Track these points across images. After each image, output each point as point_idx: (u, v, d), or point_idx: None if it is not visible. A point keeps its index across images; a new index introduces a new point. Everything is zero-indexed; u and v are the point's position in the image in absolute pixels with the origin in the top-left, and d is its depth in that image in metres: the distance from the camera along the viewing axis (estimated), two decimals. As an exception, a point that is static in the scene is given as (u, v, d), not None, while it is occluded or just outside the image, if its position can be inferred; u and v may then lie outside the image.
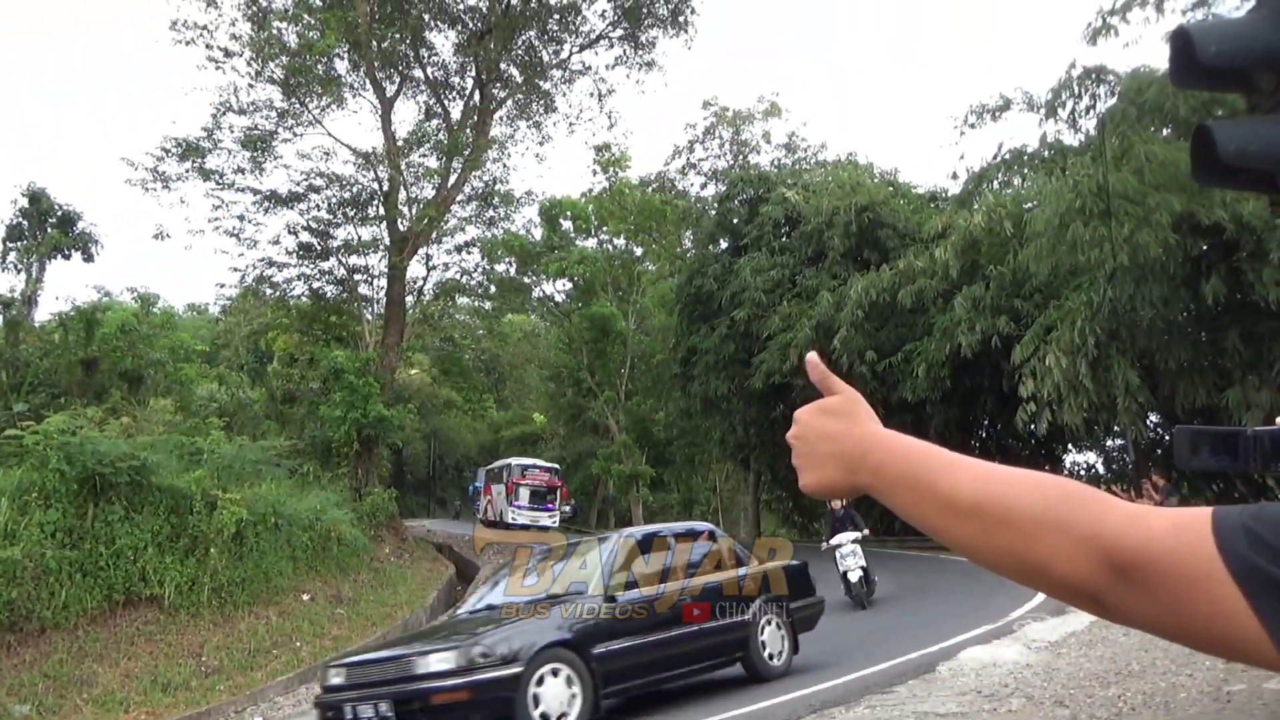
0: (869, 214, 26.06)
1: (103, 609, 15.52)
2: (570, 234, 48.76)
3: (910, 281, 21.94)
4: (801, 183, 31.24)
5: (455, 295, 35.76)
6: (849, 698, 8.13)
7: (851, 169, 32.13)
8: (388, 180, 29.49)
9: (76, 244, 29.00)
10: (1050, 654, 9.48)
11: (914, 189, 31.99)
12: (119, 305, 34.07)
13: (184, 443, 20.19)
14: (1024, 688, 8.04)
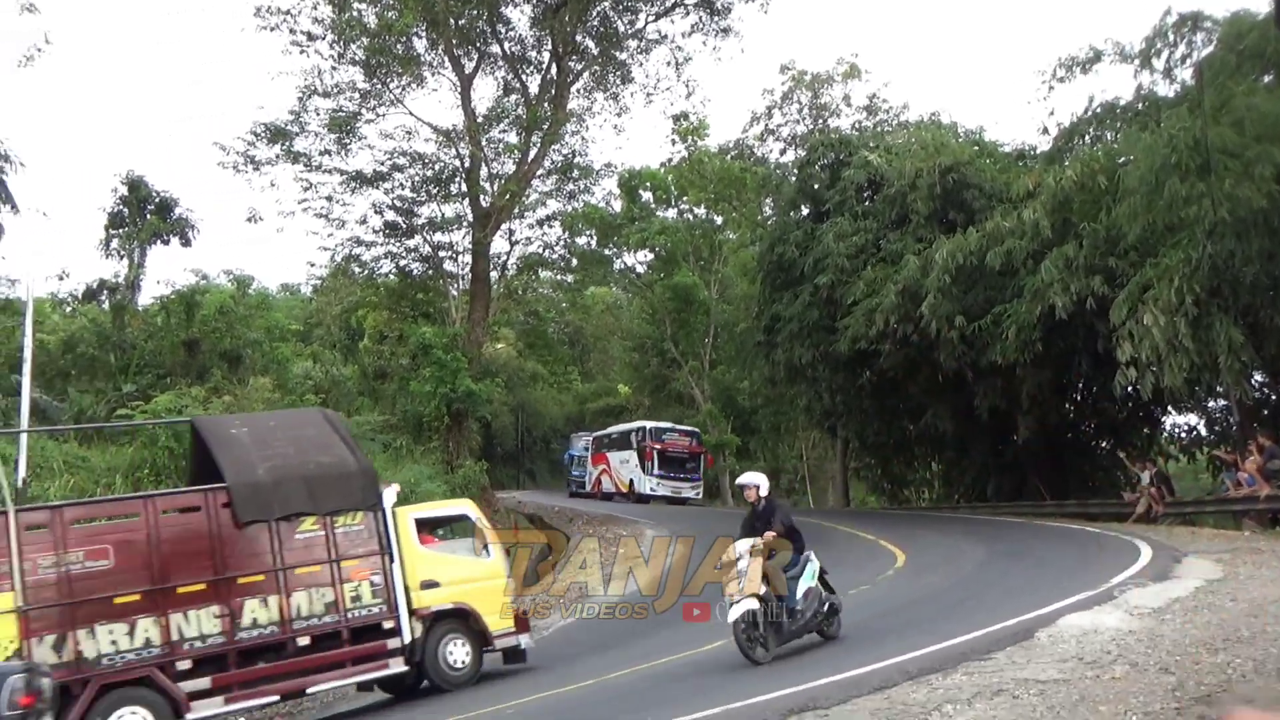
0: (954, 175, 25.44)
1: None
2: (650, 205, 48.76)
3: (998, 243, 21.40)
4: (884, 145, 30.63)
5: (538, 269, 36.11)
6: (946, 664, 8.05)
7: (935, 129, 31.37)
8: (469, 157, 29.83)
9: (174, 229, 30.00)
10: (1154, 620, 9.25)
11: (1000, 148, 31.11)
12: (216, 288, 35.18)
13: (283, 420, 20.78)
14: (1127, 655, 7.87)
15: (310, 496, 11.01)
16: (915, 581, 15.03)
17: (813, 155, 31.98)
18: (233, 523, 10.54)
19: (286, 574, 10.68)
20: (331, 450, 11.73)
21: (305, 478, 11.16)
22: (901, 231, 26.83)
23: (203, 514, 10.53)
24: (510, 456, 70.57)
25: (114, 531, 10.12)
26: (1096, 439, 28.19)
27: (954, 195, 25.55)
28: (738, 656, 9.75)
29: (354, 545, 11.15)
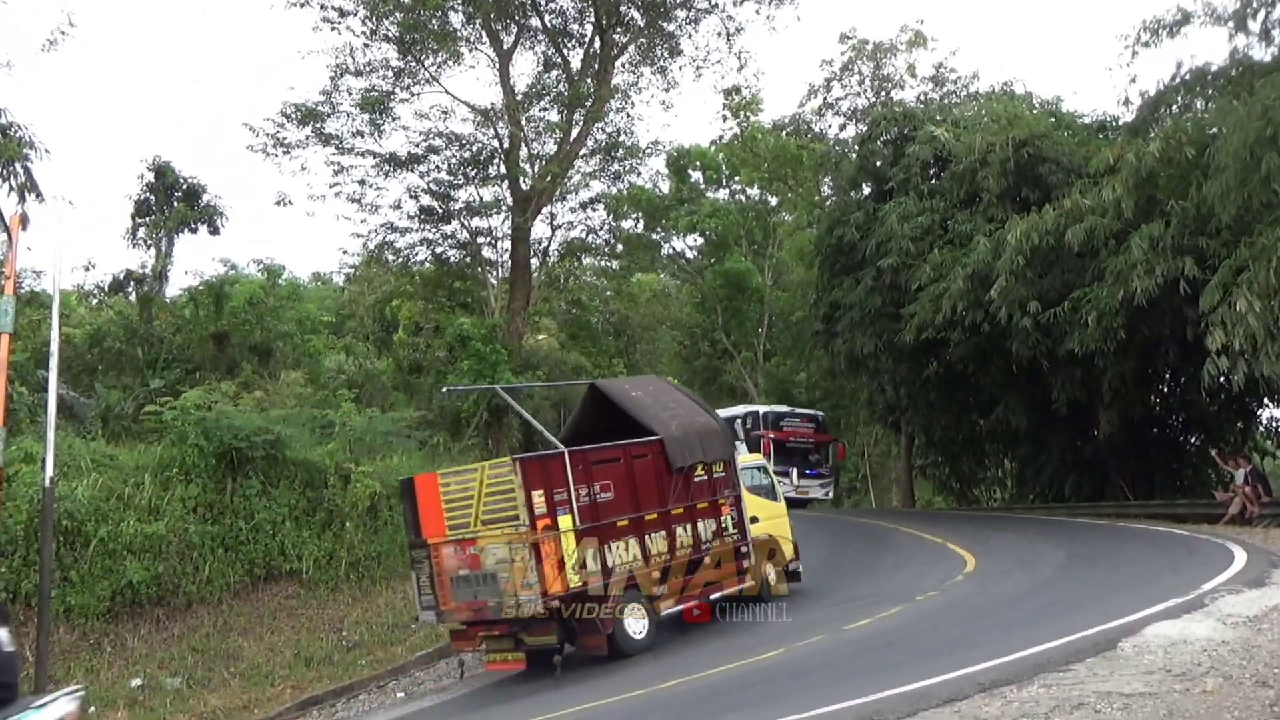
0: (1028, 149, 25.10)
1: (245, 583, 16.53)
2: (700, 186, 48.70)
3: (1077, 221, 21.08)
4: (951, 118, 30.31)
5: (581, 255, 36.20)
6: (1020, 676, 7.98)
7: (1007, 100, 31.01)
8: (508, 137, 29.95)
9: (202, 217, 30.41)
10: (1249, 630, 9.09)
11: (1079, 119, 30.67)
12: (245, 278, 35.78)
13: (316, 416, 21.18)
14: (1220, 667, 7.75)
15: (703, 448, 14.58)
16: (987, 588, 14.91)
17: (875, 130, 31.73)
18: (665, 468, 13.96)
19: (694, 508, 14.21)
20: (698, 410, 15.58)
21: (698, 433, 14.67)
22: (971, 211, 26.55)
23: (649, 459, 13.88)
24: (552, 454, 70.74)
25: (610, 471, 13.32)
26: (1185, 434, 27.74)
27: (1028, 171, 25.22)
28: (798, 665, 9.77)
29: (721, 488, 14.86)
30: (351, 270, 42.17)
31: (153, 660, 14.95)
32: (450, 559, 12.85)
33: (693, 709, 9.35)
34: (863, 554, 20.43)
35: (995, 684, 7.77)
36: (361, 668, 15.91)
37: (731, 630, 14.08)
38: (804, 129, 41.49)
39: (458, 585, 12.79)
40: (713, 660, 11.62)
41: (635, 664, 12.71)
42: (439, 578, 12.98)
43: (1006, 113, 27.35)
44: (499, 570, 12.38)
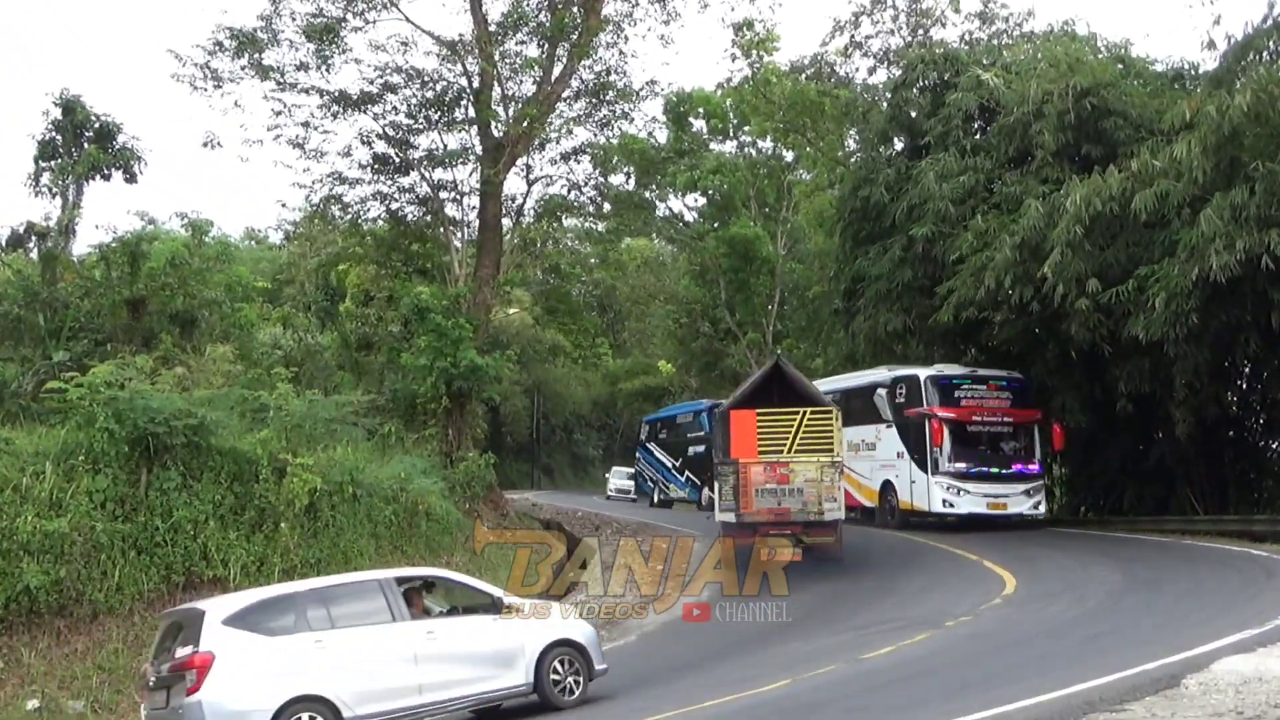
0: (1091, 99, 25.08)
1: (160, 592, 16.55)
2: (703, 136, 48.68)
3: (1147, 186, 21.10)
4: (1001, 62, 30.29)
5: (561, 215, 36.06)
6: (1066, 716, 8.04)
7: (1068, 42, 30.97)
8: (478, 74, 29.80)
9: (117, 161, 30.21)
10: (1335, 667, 9.16)
11: (1151, 65, 30.66)
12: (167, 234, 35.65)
13: (247, 398, 21.12)
14: (1299, 709, 7.81)
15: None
16: (1029, 613, 14.99)
17: (910, 75, 31.71)
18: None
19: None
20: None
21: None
22: (1022, 171, 26.57)
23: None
24: (523, 449, 71.10)
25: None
26: (1266, 438, 27.83)
27: (1090, 125, 25.23)
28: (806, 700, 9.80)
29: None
30: (291, 228, 42.00)
31: (52, 679, 14.96)
32: (759, 474, 20.03)
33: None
34: (887, 572, 20.52)
35: (1038, 725, 7.83)
36: (296, 693, 15.91)
37: (733, 656, 14.15)
38: (826, 72, 41.40)
39: (762, 495, 19.95)
40: (706, 691, 11.66)
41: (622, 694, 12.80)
42: (744, 489, 19.99)
43: (1066, 57, 27.32)
44: (806, 486, 19.90)
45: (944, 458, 25.78)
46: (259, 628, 11.28)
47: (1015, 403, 26.57)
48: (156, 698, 11.27)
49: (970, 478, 25.74)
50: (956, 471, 25.74)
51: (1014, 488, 26.02)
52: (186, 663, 10.81)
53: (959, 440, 26.01)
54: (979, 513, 25.45)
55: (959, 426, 26.02)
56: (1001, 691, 9.13)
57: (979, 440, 26.43)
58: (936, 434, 25.76)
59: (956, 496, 25.64)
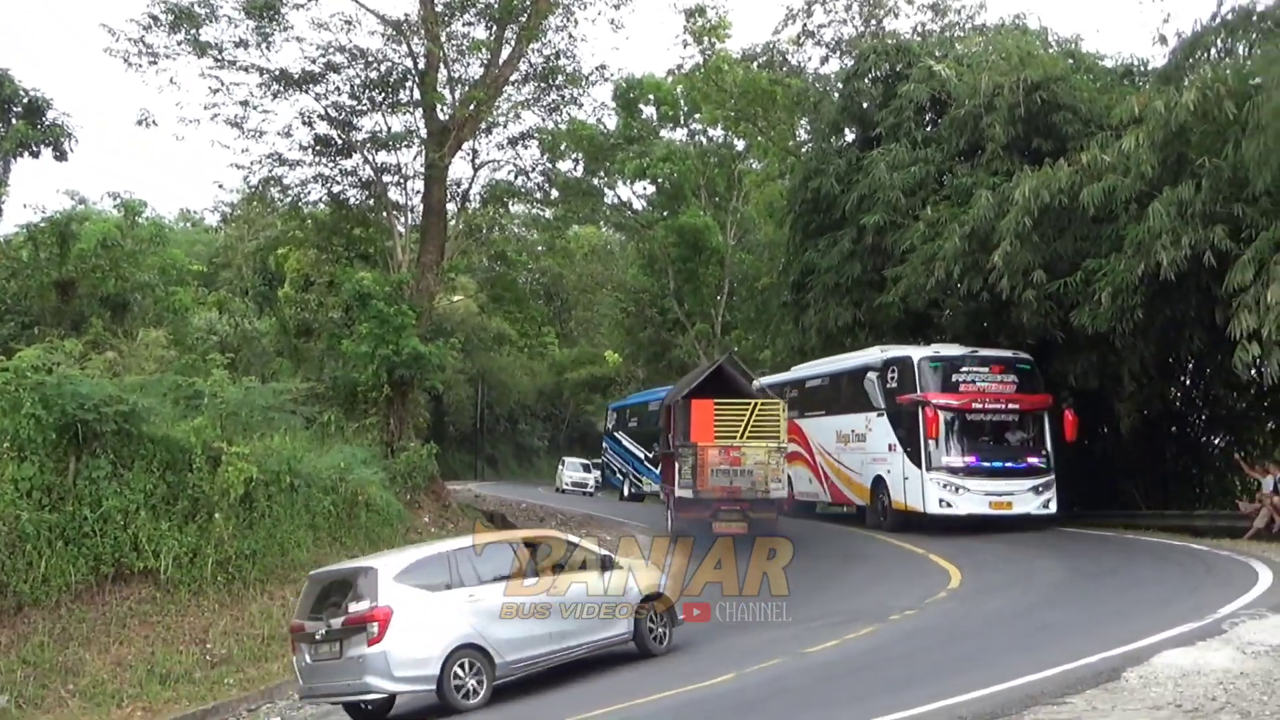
0: (1042, 93, 25.34)
1: (89, 583, 16.30)
2: (653, 123, 48.61)
3: (1095, 180, 21.37)
4: (953, 54, 30.51)
5: (508, 201, 35.90)
6: (1008, 709, 8.15)
7: (1019, 36, 31.24)
8: (424, 55, 29.60)
9: (46, 138, 29.66)
10: (1272, 661, 9.34)
11: (1101, 61, 31.05)
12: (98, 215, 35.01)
13: (180, 384, 20.85)
14: (1237, 702, 7.96)
15: None
16: (973, 606, 15.17)
17: (862, 65, 31.86)
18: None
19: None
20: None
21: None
22: (972, 163, 26.82)
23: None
24: (466, 439, 70.88)
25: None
26: (1208, 434, 28.29)
27: (1040, 119, 25.50)
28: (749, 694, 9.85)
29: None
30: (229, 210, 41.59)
31: (-26, 673, 14.71)
32: (715, 456, 23.04)
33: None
34: (830, 565, 20.65)
35: (978, 717, 7.92)
36: (229, 687, 15.82)
37: (676, 651, 14.20)
38: (779, 61, 41.50)
39: (716, 474, 22.94)
40: (650, 686, 11.71)
41: (562, 688, 12.83)
42: (701, 469, 23.03)
43: (1018, 50, 27.58)
44: (755, 468, 22.94)
45: (940, 451, 23.58)
46: (422, 583, 12.69)
47: (1022, 386, 24.32)
48: (326, 649, 12.48)
49: (970, 473, 23.56)
50: (954, 467, 23.56)
51: (1021, 484, 23.70)
52: (367, 616, 12.12)
53: (957, 430, 23.96)
54: (980, 513, 23.35)
55: (957, 415, 23.88)
56: (945, 685, 9.23)
57: (981, 430, 24.21)
58: (931, 424, 23.56)
59: (954, 495, 23.41)
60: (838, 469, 27.68)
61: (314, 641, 12.63)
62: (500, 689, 12.75)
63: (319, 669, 12.63)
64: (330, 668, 12.42)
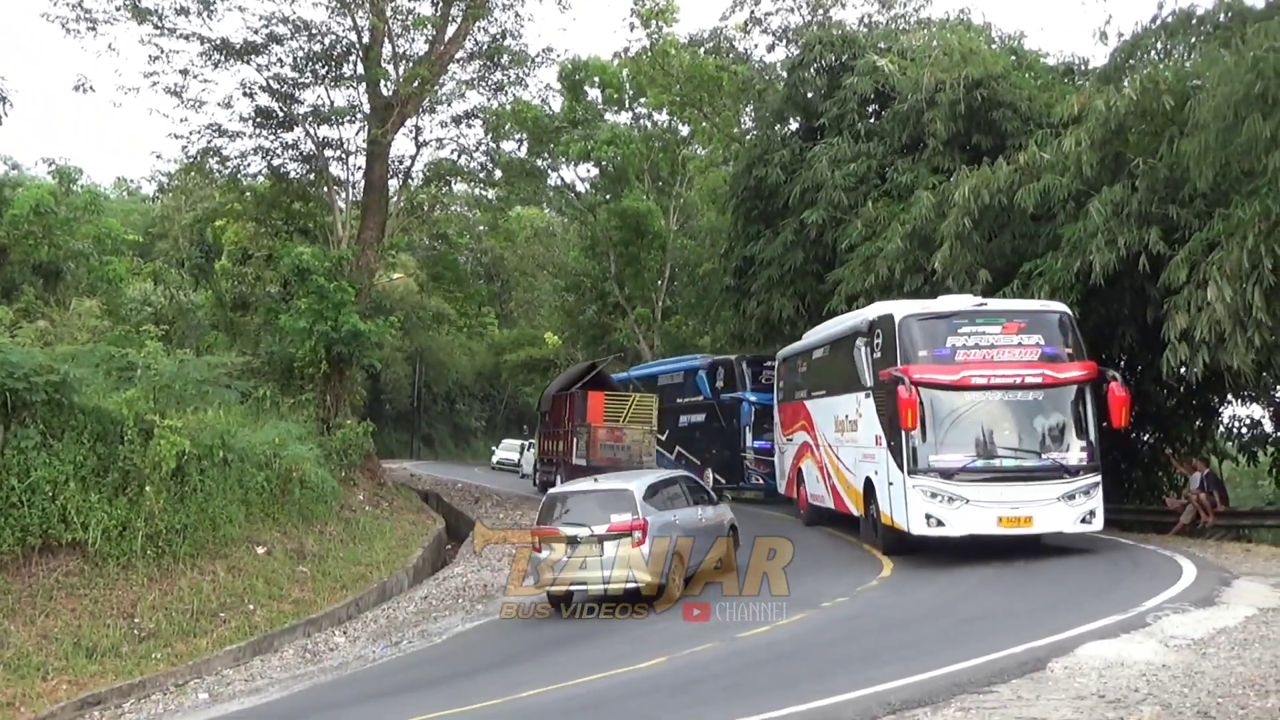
0: (983, 90, 25.55)
1: (15, 554, 16.05)
2: (598, 106, 48.43)
3: (1034, 179, 21.61)
4: (898, 48, 30.65)
5: (451, 180, 35.71)
6: (935, 697, 8.26)
7: (963, 32, 31.50)
8: (368, 30, 29.33)
9: (-22, 101, 29.12)
10: (1193, 654, 9.55)
11: (1043, 59, 31.38)
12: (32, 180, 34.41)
13: (113, 355, 20.59)
14: (1159, 693, 8.13)
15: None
16: (903, 596, 15.34)
17: (808, 55, 31.92)
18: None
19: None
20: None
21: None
22: (913, 159, 26.96)
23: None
24: (403, 417, 70.48)
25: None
26: (1137, 431, 28.74)
27: (981, 115, 25.72)
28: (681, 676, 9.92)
29: None
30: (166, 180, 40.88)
31: (-108, 642, 14.44)
32: (603, 434, 30.51)
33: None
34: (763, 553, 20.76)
35: (907, 705, 8.03)
36: (156, 662, 15.64)
37: (610, 635, 14.26)
38: (725, 47, 41.56)
39: (603, 448, 30.24)
40: (585, 668, 11.76)
41: (500, 669, 12.85)
42: (593, 443, 30.28)
43: (961, 46, 27.77)
44: (633, 444, 30.66)
45: (927, 446, 17.28)
46: (653, 504, 16.12)
47: (1050, 351, 17.75)
48: (587, 549, 15.45)
49: (971, 477, 17.14)
50: (947, 468, 17.16)
51: (1045, 490, 17.11)
52: (632, 525, 15.38)
53: (952, 417, 17.46)
54: (986, 533, 17.11)
55: (951, 394, 17.38)
56: (874, 672, 9.35)
57: (987, 415, 17.64)
58: (909, 408, 16.97)
59: (947, 508, 17.07)
60: (836, 466, 22.08)
61: (574, 543, 15.49)
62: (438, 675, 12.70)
63: (574, 563, 15.48)
64: (591, 563, 15.33)
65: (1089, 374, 17.71)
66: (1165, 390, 25.59)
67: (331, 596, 19.41)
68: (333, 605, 18.95)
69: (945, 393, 17.43)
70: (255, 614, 17.69)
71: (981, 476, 17.24)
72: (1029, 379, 17.48)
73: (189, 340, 29.76)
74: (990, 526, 17.06)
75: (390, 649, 15.98)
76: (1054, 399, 17.76)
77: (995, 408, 17.65)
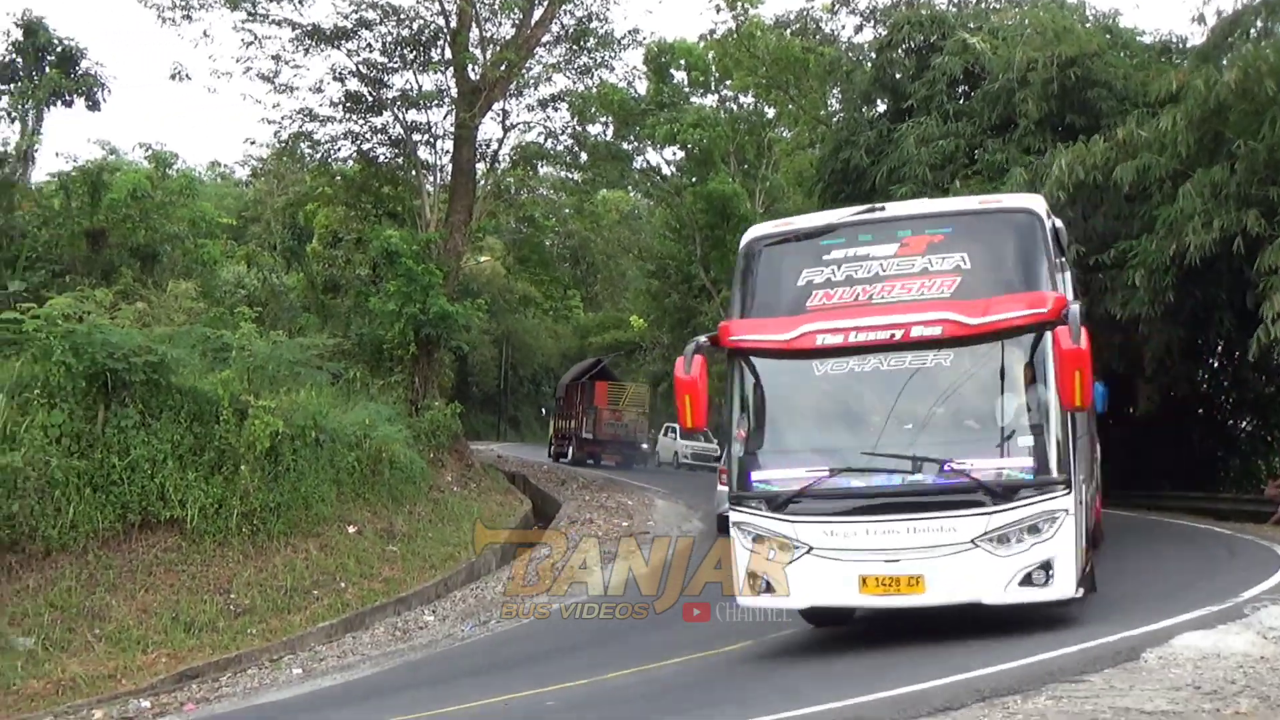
0: (1077, 69, 25.03)
1: (116, 531, 16.47)
2: (684, 88, 48.30)
3: (1131, 157, 21.14)
4: (988, 27, 30.15)
5: (537, 163, 35.90)
6: (1027, 684, 8.15)
7: (1056, 10, 30.84)
8: (456, 14, 29.54)
9: (79, 88, 29.86)
10: (1292, 646, 9.34)
11: (1139, 37, 30.66)
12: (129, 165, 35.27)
13: (209, 336, 21.02)
14: (1256, 685, 7.94)
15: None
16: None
17: (895, 36, 31.53)
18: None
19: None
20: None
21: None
22: (1004, 139, 26.51)
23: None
24: (489, 400, 71.10)
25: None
26: (1234, 417, 28.15)
27: (1075, 95, 25.20)
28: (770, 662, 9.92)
29: None
30: (258, 164, 41.66)
31: (1, 615, 14.90)
32: (607, 415, 44.15)
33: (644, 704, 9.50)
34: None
35: (997, 692, 7.93)
36: (251, 637, 15.99)
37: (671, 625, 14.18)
38: (812, 28, 41.19)
39: (606, 426, 44.00)
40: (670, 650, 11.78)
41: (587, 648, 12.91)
42: (599, 422, 43.80)
43: (1054, 24, 27.23)
44: (630, 423, 44.96)
45: (752, 457, 11.06)
46: None
47: (975, 282, 10.55)
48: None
49: (814, 508, 10.52)
50: (776, 494, 10.69)
51: (946, 527, 10.17)
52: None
53: (785, 406, 11.32)
54: (841, 605, 11.12)
55: (783, 366, 11.01)
56: (965, 659, 9.26)
57: (848, 401, 11.14)
58: (688, 396, 10.67)
59: (778, 563, 10.60)
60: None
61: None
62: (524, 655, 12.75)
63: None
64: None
65: (1036, 316, 10.03)
66: (1264, 377, 25.03)
67: (420, 575, 19.70)
68: (422, 584, 19.23)
69: (773, 363, 10.96)
70: (347, 592, 18.01)
71: (831, 507, 10.47)
72: (918, 331, 10.25)
73: (281, 322, 30.29)
74: (847, 593, 10.40)
75: (478, 628, 16.18)
76: (968, 365, 10.42)
77: (862, 385, 10.81)
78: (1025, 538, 10.03)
